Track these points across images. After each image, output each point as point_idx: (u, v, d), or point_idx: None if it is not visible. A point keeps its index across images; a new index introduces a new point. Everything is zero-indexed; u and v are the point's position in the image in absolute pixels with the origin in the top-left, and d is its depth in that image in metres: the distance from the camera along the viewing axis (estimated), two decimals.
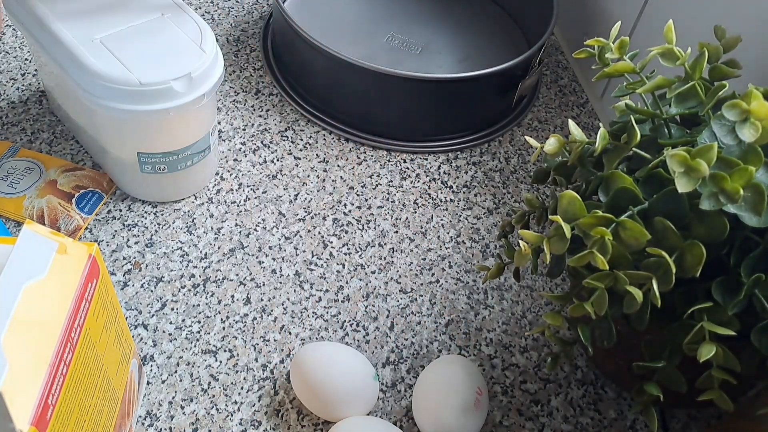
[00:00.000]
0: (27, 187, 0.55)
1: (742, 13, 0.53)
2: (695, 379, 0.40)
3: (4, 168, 0.55)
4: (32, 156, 0.58)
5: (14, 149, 0.58)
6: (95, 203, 0.55)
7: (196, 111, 0.53)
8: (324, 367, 0.47)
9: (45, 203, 0.53)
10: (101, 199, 0.55)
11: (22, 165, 0.55)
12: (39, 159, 0.57)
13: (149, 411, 0.49)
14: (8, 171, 0.55)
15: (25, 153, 0.58)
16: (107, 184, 0.56)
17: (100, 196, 0.55)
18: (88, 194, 0.54)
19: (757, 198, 0.35)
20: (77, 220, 0.54)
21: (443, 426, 0.46)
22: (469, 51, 0.76)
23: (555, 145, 0.44)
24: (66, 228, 0.53)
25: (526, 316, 0.57)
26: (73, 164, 0.58)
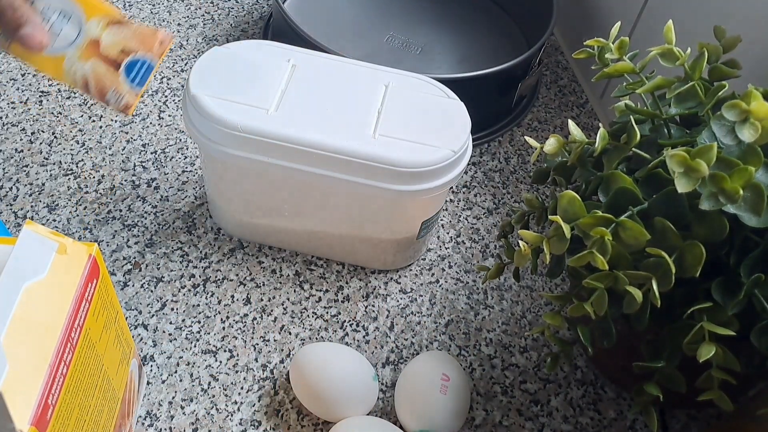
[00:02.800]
0: (66, 44, 0.44)
1: (742, 13, 0.53)
2: (695, 379, 0.40)
3: (36, 3, 0.43)
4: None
5: None
6: (146, 74, 0.45)
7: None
8: (324, 367, 0.48)
9: (90, 70, 0.43)
10: (151, 68, 0.45)
11: (57, 4, 0.43)
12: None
13: (149, 411, 0.49)
14: (43, 13, 0.43)
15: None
16: (158, 46, 0.44)
17: (150, 66, 0.45)
18: (137, 63, 0.44)
19: (756, 198, 0.35)
20: (127, 96, 0.45)
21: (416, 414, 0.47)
22: (469, 51, 0.76)
23: (555, 145, 0.44)
24: (116, 103, 0.44)
25: (525, 316, 0.57)
26: (119, 16, 0.45)
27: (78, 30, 0.44)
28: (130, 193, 0.61)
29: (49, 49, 0.43)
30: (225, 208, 0.57)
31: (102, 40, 0.44)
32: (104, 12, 0.44)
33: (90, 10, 0.44)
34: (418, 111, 0.51)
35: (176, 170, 0.63)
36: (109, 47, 0.44)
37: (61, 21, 0.43)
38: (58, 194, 0.60)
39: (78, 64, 0.44)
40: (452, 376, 0.48)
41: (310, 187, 0.51)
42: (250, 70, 0.52)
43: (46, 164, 0.62)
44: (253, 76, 0.52)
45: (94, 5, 0.44)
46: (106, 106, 0.44)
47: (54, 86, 0.69)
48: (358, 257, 0.58)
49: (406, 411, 0.48)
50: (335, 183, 0.49)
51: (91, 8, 0.44)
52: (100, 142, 0.65)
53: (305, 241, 0.57)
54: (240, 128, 0.48)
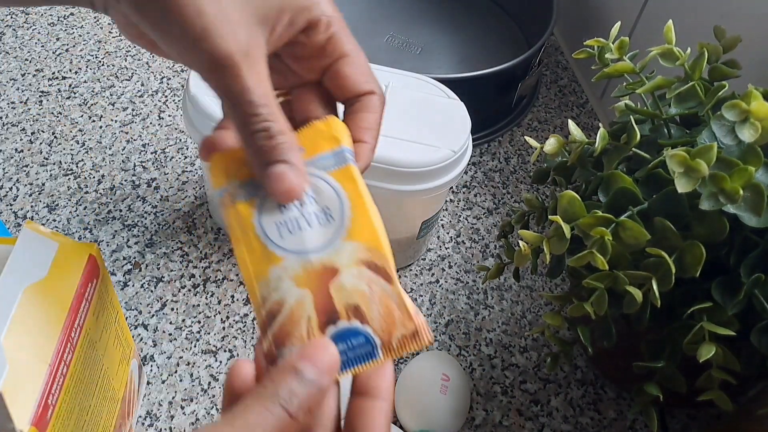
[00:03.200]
0: (295, 249, 0.30)
1: (742, 13, 0.53)
2: (695, 380, 0.40)
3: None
4: (348, 187, 0.31)
5: (340, 157, 0.31)
6: (353, 361, 0.29)
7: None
8: None
9: (294, 301, 0.29)
10: (368, 358, 0.29)
11: (326, 196, 0.30)
12: (352, 199, 0.30)
13: (149, 411, 0.49)
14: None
15: (346, 177, 0.31)
16: (402, 342, 0.29)
17: (369, 354, 0.29)
18: (358, 338, 0.29)
19: (756, 198, 0.35)
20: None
21: (416, 414, 0.48)
22: (469, 51, 0.76)
23: (555, 145, 0.44)
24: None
25: (525, 316, 0.57)
26: (388, 269, 0.30)
27: (326, 242, 0.30)
28: (130, 193, 0.61)
29: (274, 243, 0.30)
30: None
31: (341, 276, 0.29)
32: (372, 243, 0.30)
33: (358, 230, 0.30)
34: (418, 111, 0.51)
35: (176, 170, 0.63)
36: (340, 290, 0.29)
37: (314, 219, 0.30)
38: (58, 194, 0.60)
39: (287, 283, 0.29)
40: (452, 376, 0.48)
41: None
42: None
43: (46, 164, 0.62)
44: None
45: (364, 219, 0.30)
46: (267, 360, 0.28)
47: (54, 86, 0.69)
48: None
49: (406, 411, 0.48)
50: None
51: (360, 228, 0.30)
52: (100, 142, 0.65)
53: None
54: None
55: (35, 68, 0.70)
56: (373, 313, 0.29)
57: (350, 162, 0.31)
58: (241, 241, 0.30)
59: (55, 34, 0.74)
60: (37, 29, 0.74)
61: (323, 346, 0.27)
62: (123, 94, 0.69)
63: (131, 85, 0.70)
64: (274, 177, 0.29)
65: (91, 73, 0.70)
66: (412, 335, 0.29)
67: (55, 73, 0.70)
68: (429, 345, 0.29)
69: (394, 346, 0.29)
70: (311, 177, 0.31)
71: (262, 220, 0.30)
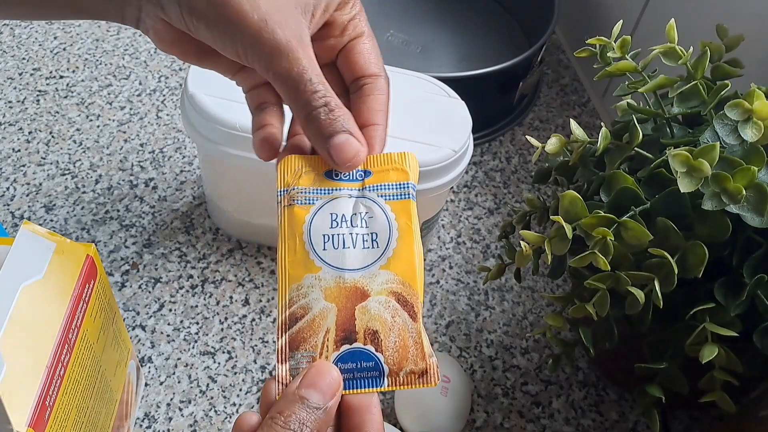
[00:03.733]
0: (334, 264, 0.30)
1: (745, 11, 0.53)
2: (697, 381, 0.39)
3: (362, 202, 0.32)
4: (402, 220, 0.32)
5: (405, 191, 0.33)
6: (358, 383, 0.29)
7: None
8: None
9: (317, 311, 0.30)
10: (372, 384, 0.30)
11: (378, 222, 0.31)
12: (402, 232, 0.32)
13: (147, 413, 0.49)
14: (355, 215, 0.32)
15: (405, 210, 0.32)
16: (408, 377, 0.29)
17: (375, 380, 0.29)
18: (367, 361, 0.29)
19: (759, 198, 0.35)
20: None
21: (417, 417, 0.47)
22: (470, 50, 0.75)
23: (556, 144, 0.44)
24: (288, 371, 0.29)
25: (527, 317, 0.57)
26: (414, 290, 0.31)
27: (365, 265, 0.30)
28: (127, 193, 0.61)
29: (316, 253, 0.30)
30: (224, 208, 0.57)
31: (369, 300, 0.30)
32: (407, 279, 0.30)
33: (397, 262, 0.31)
34: (418, 110, 0.51)
35: (174, 170, 0.63)
36: (365, 313, 0.29)
37: (360, 241, 0.31)
38: (56, 194, 0.60)
39: (316, 293, 0.30)
40: (453, 378, 0.48)
41: None
42: None
43: (43, 164, 0.62)
44: None
45: (407, 255, 0.31)
46: (279, 360, 0.29)
47: (51, 85, 0.68)
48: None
49: (406, 413, 0.48)
50: None
51: (400, 262, 0.31)
52: (97, 141, 0.64)
53: None
54: (238, 127, 0.48)
55: (32, 67, 0.70)
56: (389, 342, 0.29)
57: (411, 198, 0.32)
58: (287, 241, 0.31)
59: (52, 33, 0.73)
60: (35, 28, 0.74)
61: (326, 372, 0.28)
62: (121, 93, 0.69)
63: (129, 84, 0.70)
64: (339, 146, 0.31)
65: (88, 72, 0.70)
66: (421, 373, 0.29)
67: (52, 72, 0.70)
68: (435, 386, 0.30)
69: (400, 379, 0.29)
70: (370, 202, 0.32)
71: (312, 228, 0.31)
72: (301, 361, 0.29)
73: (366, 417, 0.28)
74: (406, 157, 0.33)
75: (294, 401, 0.27)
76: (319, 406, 0.27)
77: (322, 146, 0.31)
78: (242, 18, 0.29)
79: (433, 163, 0.48)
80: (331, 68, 0.35)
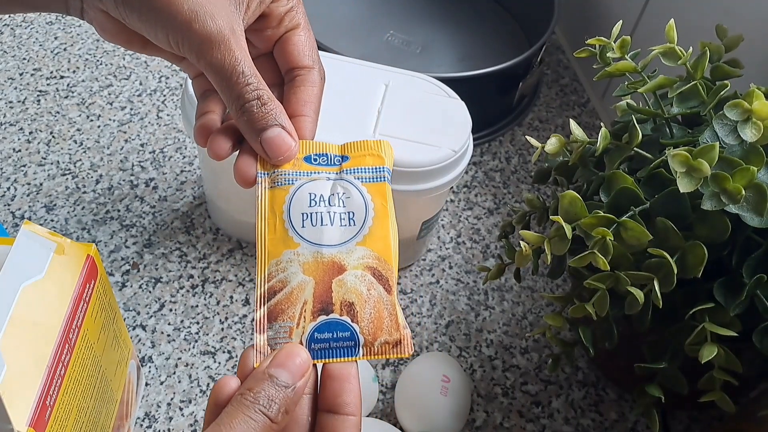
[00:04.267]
0: (311, 240, 0.31)
1: (744, 12, 0.53)
2: (697, 381, 0.39)
3: (340, 184, 0.33)
4: (378, 202, 0.33)
5: (380, 174, 0.34)
6: (333, 352, 0.30)
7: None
8: None
9: (295, 284, 0.30)
10: (348, 353, 0.30)
11: (355, 202, 0.33)
12: (378, 212, 0.33)
13: (148, 412, 0.49)
14: (333, 195, 0.33)
15: (380, 192, 0.33)
16: (383, 347, 0.31)
17: (350, 349, 0.30)
18: (343, 331, 0.30)
19: (759, 198, 0.35)
20: (293, 341, 0.30)
21: (417, 416, 0.47)
22: (470, 50, 0.75)
23: (556, 144, 0.44)
24: (266, 340, 0.30)
25: (526, 317, 0.57)
26: (389, 266, 0.32)
27: (342, 241, 0.32)
28: (128, 193, 0.61)
29: (295, 230, 0.32)
30: (224, 208, 0.57)
31: (346, 274, 0.31)
32: (383, 254, 0.32)
33: (373, 239, 0.32)
34: (418, 110, 0.51)
35: (175, 170, 0.63)
36: (341, 286, 0.31)
37: (337, 219, 0.32)
38: (56, 194, 0.60)
39: (295, 267, 0.31)
40: (453, 378, 0.48)
41: None
42: None
43: (44, 164, 0.62)
44: None
45: (382, 232, 0.32)
46: (257, 330, 0.30)
47: (52, 85, 0.68)
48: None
49: (406, 413, 0.48)
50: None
51: (376, 239, 0.32)
52: (98, 141, 0.64)
53: None
54: None
55: (33, 67, 0.70)
56: (364, 313, 0.30)
57: (387, 181, 0.33)
58: (267, 220, 0.32)
59: (53, 33, 0.73)
60: (35, 28, 0.74)
61: (295, 353, 0.28)
62: (121, 94, 0.69)
63: (129, 85, 0.70)
64: (271, 140, 0.31)
65: (89, 72, 0.70)
66: (395, 343, 0.30)
67: (53, 72, 0.70)
68: (409, 356, 0.31)
69: (375, 349, 0.30)
70: (348, 183, 0.33)
71: (291, 207, 0.32)
72: (279, 332, 0.30)
73: (344, 386, 0.29)
74: (382, 145, 0.34)
75: (263, 379, 0.27)
76: (288, 384, 0.27)
77: (254, 139, 0.31)
78: (173, 8, 0.29)
79: (433, 163, 0.48)
80: (268, 58, 0.35)
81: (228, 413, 0.26)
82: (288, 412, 0.27)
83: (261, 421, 0.26)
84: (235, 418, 0.26)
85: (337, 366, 0.29)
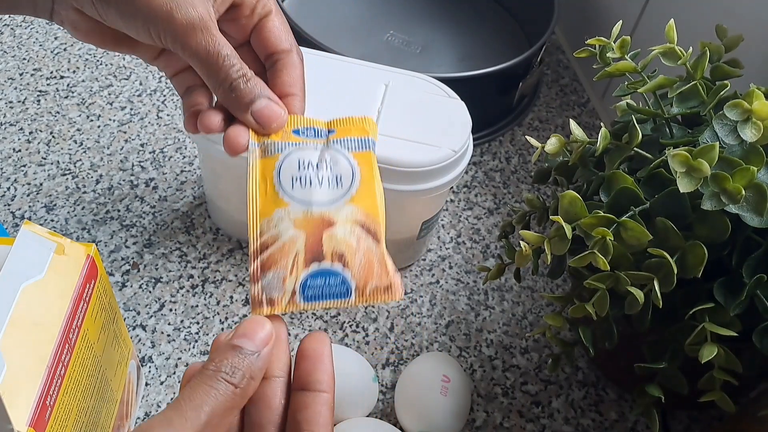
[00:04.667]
0: (302, 198, 0.33)
1: (744, 12, 0.53)
2: (697, 381, 0.39)
3: (327, 152, 0.35)
4: (364, 167, 0.35)
5: (366, 144, 0.36)
6: (326, 295, 0.32)
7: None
8: None
9: (287, 239, 0.32)
10: (341, 296, 0.32)
11: (342, 167, 0.34)
12: (363, 176, 0.35)
13: (148, 412, 0.49)
14: (321, 161, 0.35)
15: (366, 160, 0.35)
16: (374, 292, 0.32)
17: (343, 293, 0.31)
18: (332, 276, 0.31)
19: (758, 198, 0.35)
20: (280, 295, 0.31)
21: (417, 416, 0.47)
22: (470, 50, 0.75)
23: (556, 144, 0.44)
24: (261, 288, 0.31)
25: (526, 317, 0.57)
26: (377, 222, 0.34)
27: (330, 200, 0.34)
28: (128, 193, 0.61)
29: (285, 191, 0.33)
30: (224, 208, 0.57)
31: (335, 227, 0.32)
32: (370, 211, 0.33)
33: (360, 198, 0.34)
34: (418, 110, 0.51)
35: (175, 170, 0.63)
36: (331, 238, 0.32)
37: (326, 182, 0.34)
38: (56, 194, 0.60)
39: (286, 223, 0.32)
40: (453, 378, 0.48)
41: None
42: None
43: (44, 164, 0.62)
44: None
45: (369, 193, 0.34)
46: (252, 280, 0.31)
47: (52, 85, 0.68)
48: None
49: (406, 412, 0.48)
50: None
51: (362, 198, 0.34)
52: (98, 141, 0.64)
53: None
54: None
55: (33, 67, 0.70)
56: (355, 261, 0.32)
57: (372, 149, 0.35)
58: (258, 184, 0.34)
59: (53, 33, 0.74)
60: (35, 28, 0.74)
61: (259, 323, 0.29)
62: (121, 94, 0.69)
63: (129, 85, 0.70)
64: (261, 110, 0.33)
65: (89, 73, 0.70)
66: (385, 288, 0.32)
67: (53, 72, 0.70)
68: (400, 300, 0.33)
69: (366, 293, 0.32)
70: (335, 152, 0.35)
71: (281, 171, 0.34)
72: (273, 280, 0.31)
73: (317, 365, 0.29)
74: (366, 121, 0.36)
75: (226, 350, 0.27)
76: (252, 350, 0.27)
77: (244, 113, 0.33)
78: (153, 1, 0.31)
79: (433, 163, 0.48)
80: (246, 47, 0.36)
81: (190, 386, 0.26)
82: (254, 378, 0.27)
83: (223, 389, 0.26)
84: (197, 389, 0.26)
85: (311, 345, 0.30)
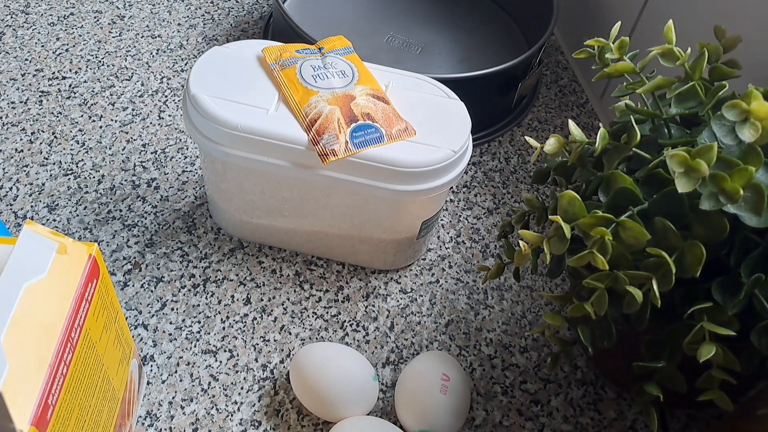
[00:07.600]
0: (326, 87, 0.50)
1: (742, 13, 0.53)
2: (695, 380, 0.40)
3: (326, 59, 0.52)
4: (356, 63, 0.52)
5: (348, 50, 0.53)
6: (369, 141, 0.47)
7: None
8: (324, 367, 0.48)
9: (328, 111, 0.47)
10: (378, 141, 0.47)
11: (341, 65, 0.51)
12: (358, 68, 0.52)
13: (149, 411, 0.49)
14: (326, 65, 0.51)
15: (354, 59, 0.53)
16: (397, 132, 0.48)
17: (379, 138, 0.47)
18: (370, 128, 0.47)
19: (756, 198, 0.35)
20: (337, 147, 0.46)
21: (417, 415, 0.47)
22: (469, 51, 0.76)
23: (555, 145, 0.44)
24: (323, 146, 0.46)
25: (526, 316, 0.57)
26: (382, 93, 0.50)
27: (345, 85, 0.50)
28: (130, 193, 0.61)
29: (312, 85, 0.50)
30: (225, 208, 0.57)
31: (357, 99, 0.49)
32: (374, 86, 0.51)
33: (364, 81, 0.51)
34: (418, 111, 0.51)
35: (176, 170, 0.63)
36: (357, 106, 0.49)
37: (336, 75, 0.51)
38: (58, 194, 0.60)
39: (322, 103, 0.48)
40: (452, 376, 0.48)
41: (310, 187, 0.51)
42: (251, 70, 0.52)
43: (46, 164, 0.62)
44: (253, 76, 0.52)
45: (368, 77, 0.52)
46: (313, 144, 0.46)
47: (54, 86, 0.69)
48: (358, 257, 0.58)
49: (406, 411, 0.48)
50: (335, 183, 0.49)
51: (365, 81, 0.51)
52: (100, 141, 0.65)
53: (305, 241, 0.57)
54: (240, 128, 0.48)
55: (35, 68, 0.70)
56: (378, 116, 0.49)
57: (354, 53, 0.54)
58: (289, 87, 0.50)
59: (55, 34, 0.74)
60: (37, 29, 0.74)
61: None
62: (123, 94, 0.69)
63: (131, 85, 0.70)
64: None
65: (91, 73, 0.70)
66: (404, 129, 0.49)
67: (55, 73, 0.70)
68: (413, 137, 0.48)
69: (393, 135, 0.48)
70: (332, 58, 0.52)
71: (302, 74, 0.51)
72: (329, 139, 0.47)
73: None
74: (340, 38, 0.54)
75: None
76: None
77: None
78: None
79: (433, 163, 0.49)
80: None
81: None
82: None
83: None
84: None
85: None
